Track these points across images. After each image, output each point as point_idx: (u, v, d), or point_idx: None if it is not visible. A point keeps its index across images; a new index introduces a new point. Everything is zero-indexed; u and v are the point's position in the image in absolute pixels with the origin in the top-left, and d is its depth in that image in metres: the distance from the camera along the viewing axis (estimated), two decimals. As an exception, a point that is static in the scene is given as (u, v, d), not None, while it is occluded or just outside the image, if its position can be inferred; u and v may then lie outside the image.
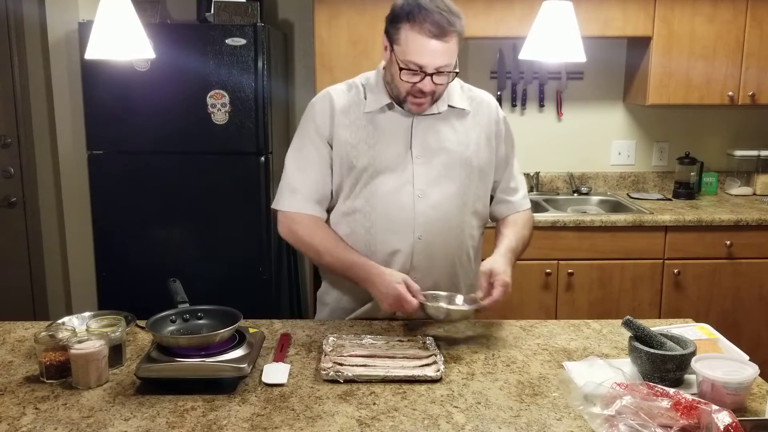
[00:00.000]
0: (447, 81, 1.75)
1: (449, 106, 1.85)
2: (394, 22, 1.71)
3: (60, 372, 1.51)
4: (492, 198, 1.99)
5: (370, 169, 1.81)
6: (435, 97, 1.79)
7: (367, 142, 1.82)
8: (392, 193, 1.81)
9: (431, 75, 1.70)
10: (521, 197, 2.02)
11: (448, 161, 1.83)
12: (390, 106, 1.82)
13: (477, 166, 1.86)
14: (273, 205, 1.92)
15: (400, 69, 1.71)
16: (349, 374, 1.51)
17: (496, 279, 1.71)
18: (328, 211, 1.91)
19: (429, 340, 1.67)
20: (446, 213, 1.83)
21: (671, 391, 1.34)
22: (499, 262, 1.76)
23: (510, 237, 1.89)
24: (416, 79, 1.71)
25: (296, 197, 1.86)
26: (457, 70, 1.75)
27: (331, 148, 1.84)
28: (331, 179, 1.86)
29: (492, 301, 1.70)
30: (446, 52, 1.68)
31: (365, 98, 1.84)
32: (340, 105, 1.85)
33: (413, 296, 1.70)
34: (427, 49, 1.67)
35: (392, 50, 1.73)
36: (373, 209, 1.82)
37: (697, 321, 1.81)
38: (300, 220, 1.86)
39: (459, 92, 1.89)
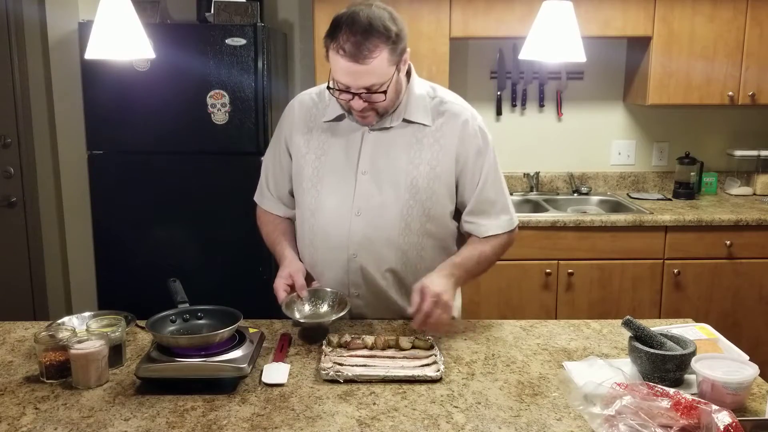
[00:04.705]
0: (379, 99, 1.66)
1: (405, 120, 1.77)
2: (325, 38, 1.65)
3: (60, 372, 1.51)
4: (461, 217, 1.87)
5: (314, 179, 1.81)
6: (380, 112, 1.71)
7: (315, 153, 1.82)
8: (332, 207, 1.80)
9: (359, 94, 1.64)
10: (491, 222, 1.83)
11: (393, 180, 1.76)
12: (343, 117, 1.79)
13: (425, 187, 1.76)
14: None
15: (329, 87, 1.69)
16: (349, 374, 1.51)
17: (424, 293, 1.64)
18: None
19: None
20: (385, 234, 1.77)
21: (671, 391, 1.34)
22: (431, 278, 1.70)
23: (459, 253, 1.81)
24: (347, 97, 1.67)
25: (262, 193, 1.99)
26: (386, 89, 1.64)
27: (290, 154, 1.89)
28: (290, 183, 1.92)
29: (422, 315, 1.63)
30: (368, 73, 1.60)
31: (327, 107, 1.83)
32: (302, 112, 1.86)
33: (297, 290, 1.76)
34: (347, 71, 1.61)
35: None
36: (316, 222, 1.82)
37: (697, 321, 1.81)
38: (259, 213, 2.02)
39: (424, 105, 1.78)
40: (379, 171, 1.77)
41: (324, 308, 1.77)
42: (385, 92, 1.65)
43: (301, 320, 1.74)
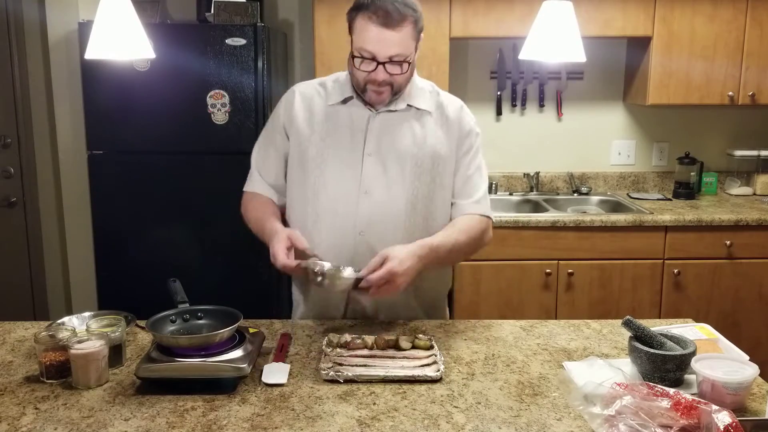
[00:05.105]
0: (402, 71, 1.74)
1: (409, 105, 1.84)
2: (351, 11, 1.74)
3: (60, 372, 1.51)
4: None
5: (318, 159, 1.83)
6: (395, 89, 1.78)
7: (320, 134, 1.85)
8: (339, 187, 1.82)
9: (384, 64, 1.71)
10: (472, 201, 1.89)
11: (399, 162, 1.82)
12: (349, 99, 1.84)
13: (430, 170, 1.83)
14: None
15: (353, 57, 1.74)
16: (349, 374, 1.51)
17: (385, 263, 1.65)
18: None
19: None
20: (392, 214, 1.81)
21: (671, 391, 1.34)
22: (399, 250, 1.69)
23: (437, 236, 1.80)
24: (370, 67, 1.73)
25: (252, 180, 1.97)
26: (410, 60, 1.75)
27: (288, 138, 1.90)
28: (285, 169, 1.92)
29: (369, 282, 1.64)
30: (398, 42, 1.69)
31: (332, 93, 1.88)
32: (304, 98, 1.90)
33: (299, 254, 1.71)
34: (377, 38, 1.69)
35: (351, 38, 1.76)
36: (320, 202, 1.84)
37: (697, 321, 1.81)
38: (246, 200, 1.98)
39: (425, 94, 1.88)
40: (385, 153, 1.82)
41: (347, 271, 1.70)
42: (409, 63, 1.75)
43: (329, 275, 1.67)
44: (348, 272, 1.70)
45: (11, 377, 1.54)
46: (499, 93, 3.76)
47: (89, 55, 1.71)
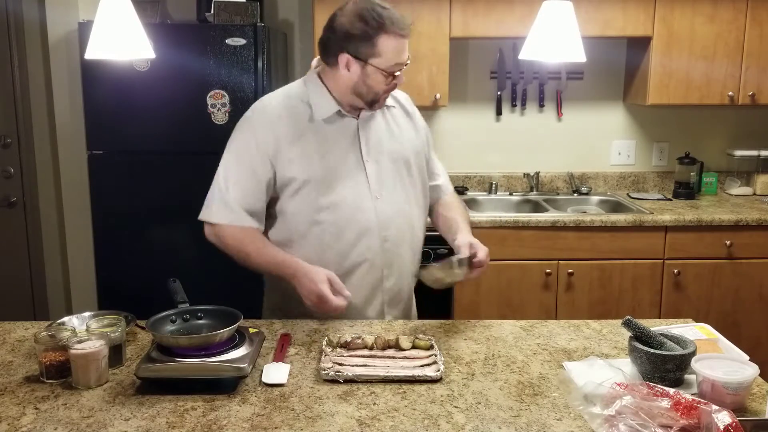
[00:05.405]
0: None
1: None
2: (364, 39, 1.73)
3: (60, 372, 1.51)
4: None
5: (323, 174, 1.82)
6: None
7: (318, 152, 1.82)
8: (353, 197, 1.84)
9: (401, 69, 1.80)
10: (445, 180, 2.10)
11: (391, 159, 1.90)
12: (339, 113, 1.85)
13: (414, 162, 1.94)
14: (201, 216, 1.92)
15: (390, 75, 1.77)
16: (349, 374, 1.51)
17: (478, 248, 1.83)
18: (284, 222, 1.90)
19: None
20: (400, 209, 1.90)
21: (671, 391, 1.34)
22: (470, 238, 1.88)
23: (462, 220, 1.98)
24: (392, 78, 1.80)
25: (229, 210, 1.85)
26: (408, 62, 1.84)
27: (273, 165, 1.82)
28: (265, 194, 1.84)
29: (482, 261, 1.82)
30: (407, 47, 1.80)
31: (310, 108, 1.84)
32: (280, 117, 1.83)
33: (337, 293, 1.73)
34: (402, 48, 1.77)
35: (366, 63, 1.75)
36: (339, 217, 1.83)
37: (697, 321, 1.81)
38: (230, 233, 1.88)
39: None
40: (379, 154, 1.88)
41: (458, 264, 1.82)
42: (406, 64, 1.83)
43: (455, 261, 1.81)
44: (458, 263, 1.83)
45: (11, 377, 1.54)
46: (499, 93, 3.76)
47: (89, 55, 1.71)
